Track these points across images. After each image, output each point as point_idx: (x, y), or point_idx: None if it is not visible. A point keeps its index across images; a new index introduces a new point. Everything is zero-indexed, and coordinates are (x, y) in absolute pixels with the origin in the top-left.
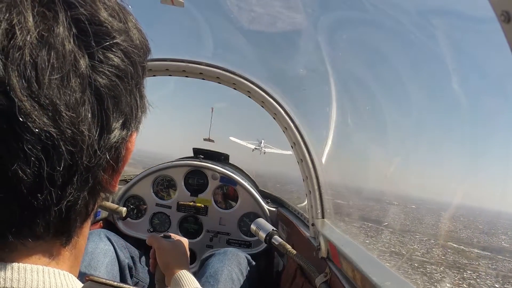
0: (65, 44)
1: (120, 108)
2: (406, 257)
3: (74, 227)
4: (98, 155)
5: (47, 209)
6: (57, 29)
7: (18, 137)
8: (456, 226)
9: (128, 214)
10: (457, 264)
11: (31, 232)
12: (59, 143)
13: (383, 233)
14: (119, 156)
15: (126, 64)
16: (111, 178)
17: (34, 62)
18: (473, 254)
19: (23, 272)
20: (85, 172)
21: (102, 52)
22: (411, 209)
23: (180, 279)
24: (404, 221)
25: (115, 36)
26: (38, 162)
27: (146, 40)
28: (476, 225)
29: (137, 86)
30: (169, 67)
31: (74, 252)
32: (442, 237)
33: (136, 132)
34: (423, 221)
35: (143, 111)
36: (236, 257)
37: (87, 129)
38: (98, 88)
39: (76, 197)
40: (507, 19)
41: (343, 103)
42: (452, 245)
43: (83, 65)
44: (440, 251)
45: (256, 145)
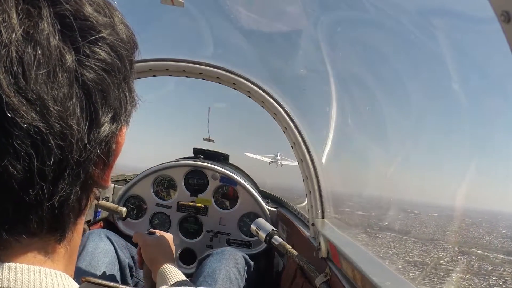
0: (50, 40)
1: (108, 102)
2: (431, 266)
3: (68, 222)
4: (88, 149)
5: (39, 204)
6: (42, 25)
7: (7, 133)
8: (479, 232)
9: (128, 214)
10: (482, 271)
11: (25, 228)
12: (48, 137)
13: (407, 243)
14: (109, 150)
15: (113, 58)
16: (102, 172)
17: (20, 58)
18: (498, 259)
19: (20, 272)
20: (76, 166)
21: (88, 47)
22: (432, 216)
23: (165, 273)
24: (427, 229)
25: (100, 31)
26: (28, 157)
27: (133, 34)
28: (499, 230)
29: (125, 80)
30: (169, 67)
31: (69, 249)
32: (466, 244)
33: (126, 126)
34: (446, 229)
35: (133, 105)
36: (234, 257)
37: (76, 123)
38: (85, 82)
39: (68, 192)
40: (507, 19)
41: (343, 103)
42: (476, 252)
43: (69, 60)
44: (465, 258)
45: (272, 158)
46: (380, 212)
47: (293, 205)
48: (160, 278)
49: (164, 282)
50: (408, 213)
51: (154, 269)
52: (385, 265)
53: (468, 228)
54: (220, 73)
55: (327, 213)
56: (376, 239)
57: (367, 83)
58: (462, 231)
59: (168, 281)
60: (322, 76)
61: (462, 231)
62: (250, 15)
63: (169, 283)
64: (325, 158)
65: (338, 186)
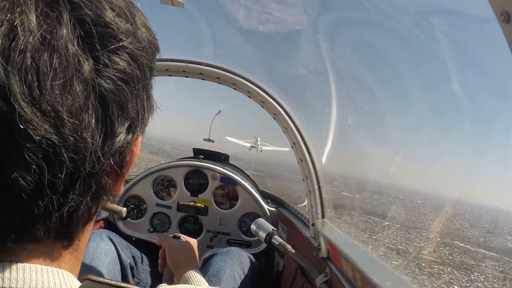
0: (69, 47)
1: (125, 112)
2: (413, 255)
3: (76, 231)
4: (101, 161)
5: (48, 215)
6: (61, 31)
7: (18, 145)
8: (462, 224)
9: (128, 214)
10: (464, 265)
11: (31, 236)
12: (61, 150)
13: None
14: (123, 160)
15: (132, 68)
16: (114, 182)
17: (36, 66)
18: (480, 254)
19: (22, 272)
20: (88, 178)
21: (107, 56)
22: (416, 204)
23: (190, 279)
24: (410, 216)
25: (121, 39)
26: (39, 169)
27: (155, 39)
28: (482, 224)
29: (144, 89)
30: (169, 67)
31: (75, 255)
32: (448, 236)
33: (142, 135)
34: (428, 217)
35: (150, 112)
36: (239, 257)
37: (90, 136)
38: (102, 93)
39: (79, 202)
40: (507, 19)
41: (343, 103)
42: (459, 244)
43: (87, 70)
44: (447, 250)
45: (252, 143)
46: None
47: (293, 205)
48: (183, 283)
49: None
50: (394, 198)
51: (178, 273)
52: (385, 265)
53: (451, 219)
54: (220, 73)
55: (327, 213)
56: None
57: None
58: (446, 221)
59: None
60: (322, 76)
61: (446, 221)
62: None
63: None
64: (325, 158)
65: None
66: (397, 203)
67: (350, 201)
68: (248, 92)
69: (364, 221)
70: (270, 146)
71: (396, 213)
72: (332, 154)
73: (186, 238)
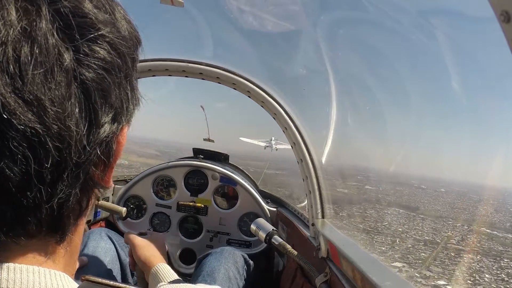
0: (48, 38)
1: (109, 102)
2: (441, 245)
3: (68, 224)
4: (87, 151)
5: (38, 207)
6: (40, 23)
7: (3, 135)
8: (487, 210)
9: (128, 214)
10: (492, 251)
11: (24, 230)
12: (45, 139)
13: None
14: (110, 150)
15: (113, 57)
16: (103, 173)
17: (17, 57)
18: (508, 240)
19: (19, 273)
20: (75, 168)
21: (87, 45)
22: (440, 192)
23: (157, 273)
24: (435, 206)
25: (100, 28)
26: (25, 159)
27: (135, 31)
28: (507, 208)
29: (127, 78)
30: (169, 67)
31: (69, 250)
32: (474, 223)
33: (128, 125)
34: (453, 206)
35: (135, 104)
36: (233, 256)
37: (74, 124)
38: (84, 82)
39: (68, 194)
40: (507, 19)
41: (343, 103)
42: (486, 231)
43: (67, 59)
44: (474, 238)
45: (267, 143)
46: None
47: (293, 205)
48: (152, 278)
49: (157, 282)
50: (416, 188)
51: (146, 270)
52: (385, 265)
53: (475, 205)
54: (220, 73)
55: (327, 213)
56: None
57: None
58: (470, 208)
59: (161, 280)
60: (322, 76)
61: (470, 208)
62: (250, 15)
63: (162, 282)
64: (325, 158)
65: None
66: (420, 193)
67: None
68: (248, 92)
69: (389, 213)
70: (285, 145)
71: (420, 203)
72: (332, 154)
73: (154, 233)
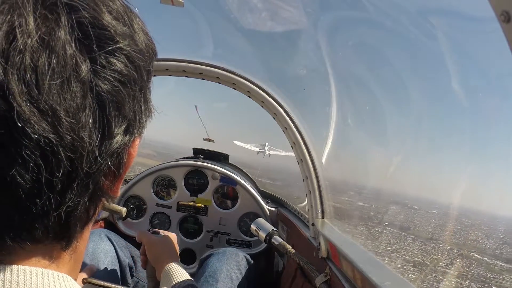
0: (66, 48)
1: (123, 114)
2: (430, 268)
3: (74, 231)
4: (99, 161)
5: (46, 214)
6: (59, 32)
7: (16, 143)
8: (478, 235)
9: (128, 214)
10: (481, 277)
11: (30, 236)
12: (58, 149)
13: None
14: (121, 161)
15: (129, 69)
16: (112, 184)
17: (34, 66)
18: (497, 267)
19: (22, 274)
20: (86, 178)
21: (104, 57)
22: (432, 214)
23: (170, 271)
24: (426, 227)
25: (118, 41)
26: (37, 168)
27: (152, 43)
28: (498, 235)
29: (141, 91)
30: (169, 67)
31: (74, 256)
32: (465, 247)
33: (140, 137)
34: (444, 228)
35: (148, 115)
36: (235, 257)
37: (87, 135)
38: (99, 93)
39: (76, 202)
40: (507, 19)
41: (343, 103)
42: (476, 256)
43: (84, 70)
44: (464, 262)
45: (260, 148)
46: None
47: (293, 205)
48: (164, 277)
49: (169, 281)
50: (408, 208)
51: (158, 268)
52: (385, 265)
53: (467, 229)
54: (220, 73)
55: (327, 213)
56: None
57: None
58: (461, 232)
59: (173, 280)
60: (322, 76)
61: (461, 232)
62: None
63: (174, 282)
64: (325, 158)
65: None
66: (413, 213)
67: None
68: (248, 92)
69: (380, 231)
70: (279, 151)
71: (411, 223)
72: (332, 154)
73: (165, 232)
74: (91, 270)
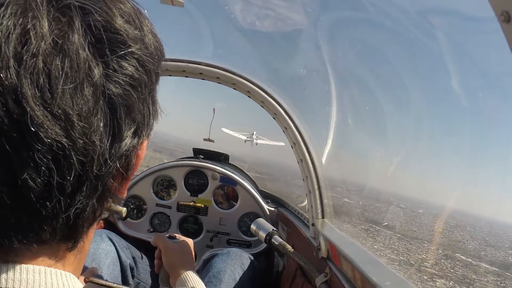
0: (80, 53)
1: (132, 117)
2: (415, 267)
3: (81, 232)
4: (108, 164)
5: (55, 216)
6: (72, 36)
7: (29, 147)
8: (464, 236)
9: (128, 214)
10: (466, 279)
11: (37, 237)
12: (70, 153)
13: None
14: (129, 163)
15: (140, 73)
16: (120, 185)
17: (47, 70)
18: (481, 268)
19: (25, 273)
20: (95, 180)
21: (116, 61)
22: (417, 213)
23: (186, 280)
24: (411, 226)
25: (130, 45)
26: (48, 171)
27: (160, 45)
28: (483, 236)
29: (150, 94)
30: (169, 67)
31: (78, 257)
32: (450, 247)
33: (148, 139)
34: (430, 228)
35: (155, 117)
36: (240, 258)
37: (98, 139)
38: (111, 97)
39: (85, 204)
40: (507, 19)
41: (343, 103)
42: (461, 257)
43: (97, 74)
44: (448, 263)
45: (248, 136)
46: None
47: (293, 205)
48: (180, 284)
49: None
50: (395, 207)
51: (174, 275)
52: (385, 265)
53: (452, 230)
54: (220, 73)
55: (327, 213)
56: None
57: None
58: (447, 232)
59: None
60: (322, 76)
61: (447, 232)
62: (250, 15)
63: None
64: (325, 158)
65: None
66: (398, 212)
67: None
68: (248, 92)
69: (366, 229)
70: (266, 140)
71: (397, 222)
72: (332, 154)
73: (182, 238)
74: (92, 272)
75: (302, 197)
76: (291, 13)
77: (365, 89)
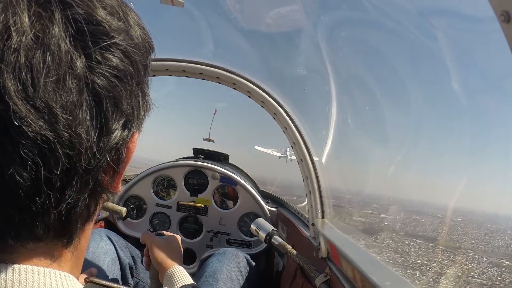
0: (61, 45)
1: (120, 109)
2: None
3: (76, 228)
4: (97, 157)
5: (46, 212)
6: (53, 29)
7: (14, 141)
8: (506, 241)
9: (128, 214)
10: None
11: (31, 234)
12: (55, 146)
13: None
14: (120, 157)
15: (125, 64)
16: (112, 179)
17: (29, 64)
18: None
19: (24, 274)
20: (85, 174)
21: (99, 53)
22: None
23: (173, 275)
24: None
25: (113, 36)
26: (35, 166)
27: (148, 37)
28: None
29: (138, 86)
30: (169, 67)
31: (75, 254)
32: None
33: (138, 132)
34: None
35: (146, 110)
36: (235, 257)
37: (85, 131)
38: (96, 89)
39: (76, 199)
40: (507, 19)
41: (343, 103)
42: (506, 263)
43: (79, 66)
44: (495, 271)
45: (282, 153)
46: None
47: (293, 205)
48: (167, 280)
49: (171, 285)
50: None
51: (161, 270)
52: (385, 265)
53: (493, 235)
54: (220, 73)
55: (327, 213)
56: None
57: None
58: (488, 238)
59: (176, 283)
60: (322, 76)
61: (488, 238)
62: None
63: (176, 285)
64: (325, 158)
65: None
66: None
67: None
68: (248, 92)
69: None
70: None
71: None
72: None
73: (169, 234)
74: (92, 273)
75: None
76: (291, 13)
77: (365, 89)
